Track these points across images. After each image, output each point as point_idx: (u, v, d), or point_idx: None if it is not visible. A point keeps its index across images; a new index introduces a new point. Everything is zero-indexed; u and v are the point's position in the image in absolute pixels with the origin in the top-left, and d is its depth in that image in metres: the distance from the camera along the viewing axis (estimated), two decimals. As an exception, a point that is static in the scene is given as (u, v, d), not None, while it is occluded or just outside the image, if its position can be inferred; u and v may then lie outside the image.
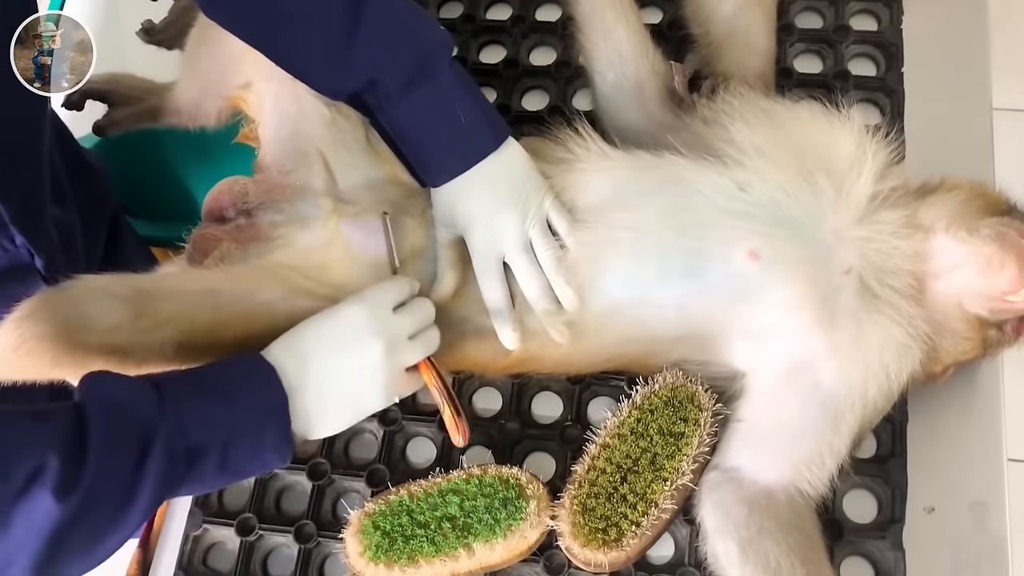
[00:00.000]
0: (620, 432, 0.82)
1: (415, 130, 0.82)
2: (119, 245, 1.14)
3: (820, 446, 0.78)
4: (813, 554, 0.77)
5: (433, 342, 0.80)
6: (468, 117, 0.80)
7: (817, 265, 0.78)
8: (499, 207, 0.81)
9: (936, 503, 0.84)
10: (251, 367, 0.73)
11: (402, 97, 0.79)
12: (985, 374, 0.88)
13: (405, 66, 0.79)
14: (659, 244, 0.81)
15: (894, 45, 1.03)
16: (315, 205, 0.87)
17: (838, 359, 0.78)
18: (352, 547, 0.82)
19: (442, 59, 0.80)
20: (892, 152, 0.83)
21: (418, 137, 0.82)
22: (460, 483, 0.84)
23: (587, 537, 0.79)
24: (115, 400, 0.68)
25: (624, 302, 0.82)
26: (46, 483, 0.61)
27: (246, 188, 0.89)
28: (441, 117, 0.80)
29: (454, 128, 0.80)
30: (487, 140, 0.81)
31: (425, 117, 0.80)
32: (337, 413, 0.76)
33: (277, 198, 0.88)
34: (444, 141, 0.81)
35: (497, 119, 0.83)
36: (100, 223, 1.10)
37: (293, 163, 0.89)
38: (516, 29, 1.11)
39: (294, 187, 0.88)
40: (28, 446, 0.62)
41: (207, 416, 0.69)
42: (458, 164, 0.81)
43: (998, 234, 0.76)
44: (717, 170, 0.82)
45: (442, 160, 0.82)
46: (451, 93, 0.80)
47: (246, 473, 0.74)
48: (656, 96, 0.93)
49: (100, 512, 0.64)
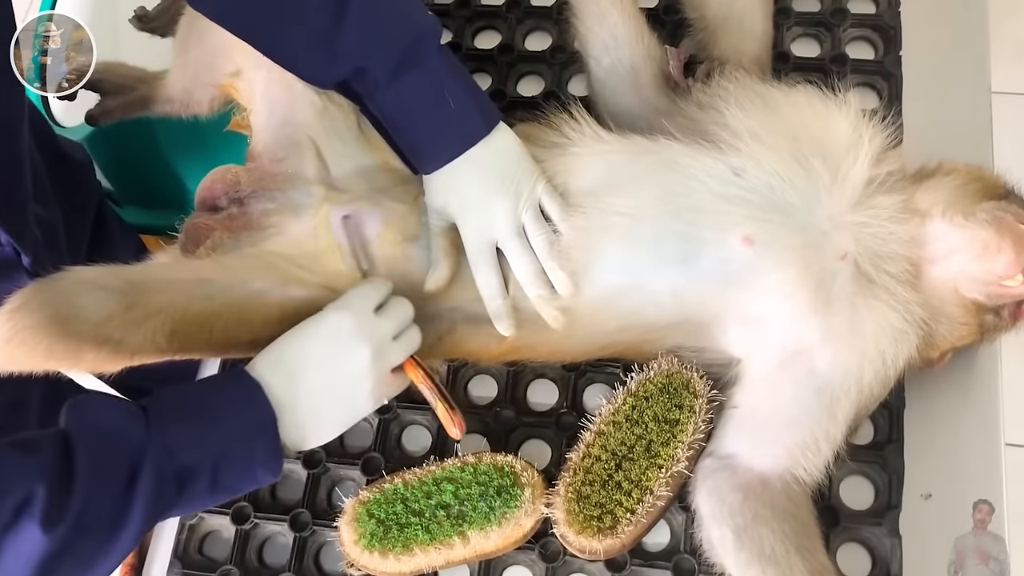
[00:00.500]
0: (615, 419, 0.82)
1: (404, 117, 0.80)
2: (105, 237, 1.13)
3: (816, 432, 0.78)
4: (808, 541, 0.77)
5: (415, 340, 0.80)
6: (458, 103, 0.79)
7: (812, 250, 0.77)
8: (490, 193, 0.80)
9: (933, 489, 0.84)
10: (236, 385, 0.73)
11: (390, 84, 0.78)
12: (983, 360, 0.88)
13: (392, 52, 0.78)
14: (654, 229, 0.80)
15: (892, 28, 1.02)
16: (307, 193, 0.87)
17: (834, 345, 0.77)
18: (347, 535, 0.82)
19: (430, 44, 0.79)
20: (889, 136, 0.82)
21: (407, 124, 0.81)
22: (455, 471, 0.83)
23: (582, 524, 0.79)
24: (100, 427, 0.68)
25: (619, 288, 0.81)
26: (33, 514, 0.61)
27: (238, 177, 0.89)
28: (430, 103, 0.79)
29: (443, 114, 0.79)
30: (477, 126, 0.80)
31: (414, 103, 0.79)
32: (329, 423, 0.76)
33: (269, 186, 0.88)
34: (433, 127, 0.80)
35: (487, 104, 0.82)
36: (84, 217, 1.10)
37: (285, 151, 0.89)
38: (511, 14, 1.10)
39: (286, 175, 0.88)
40: (14, 478, 0.62)
41: (195, 438, 0.69)
42: (448, 150, 0.80)
43: (995, 218, 0.76)
44: (712, 155, 0.81)
45: (432, 146, 0.81)
46: (440, 79, 0.79)
47: (238, 490, 0.74)
48: (651, 81, 0.92)
49: (89, 540, 0.65)
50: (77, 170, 1.12)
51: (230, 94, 0.95)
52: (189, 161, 1.26)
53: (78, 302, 0.75)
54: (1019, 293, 0.78)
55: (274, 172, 0.88)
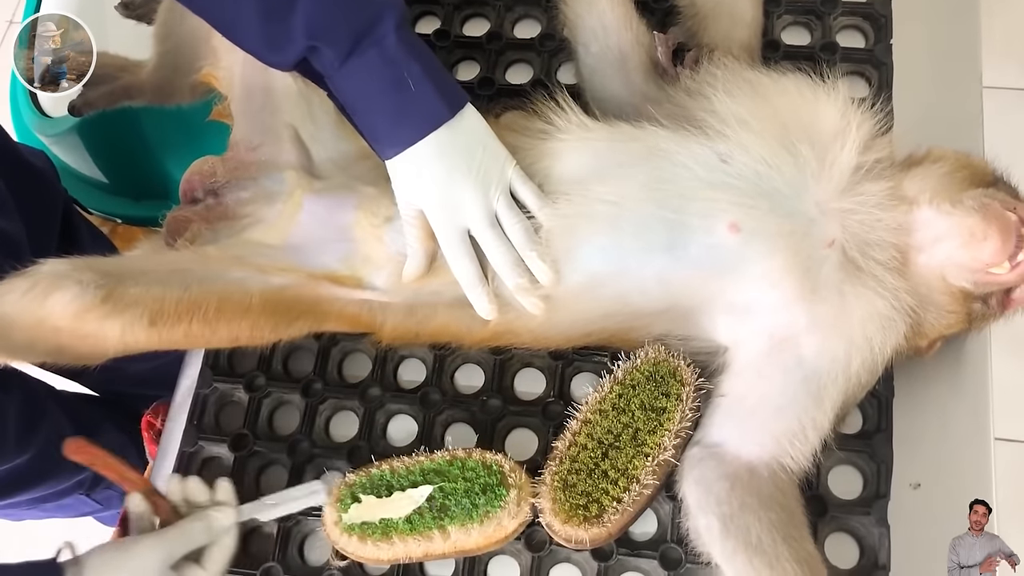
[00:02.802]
0: (602, 408, 0.82)
1: (362, 99, 0.78)
2: (74, 244, 1.12)
3: (803, 420, 0.78)
4: (795, 530, 0.76)
5: None
6: (418, 85, 0.76)
7: (799, 237, 0.77)
8: (457, 180, 0.78)
9: (922, 479, 0.83)
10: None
11: (345, 64, 0.76)
12: (973, 350, 0.88)
13: (347, 30, 0.75)
14: (639, 217, 0.80)
15: (883, 17, 1.02)
16: (279, 180, 0.86)
17: (821, 332, 0.77)
18: (329, 516, 0.82)
19: (388, 22, 0.76)
20: (878, 123, 0.82)
21: (366, 107, 0.78)
22: (443, 464, 0.83)
23: (568, 513, 0.78)
24: None
25: (604, 275, 0.81)
26: None
27: (214, 168, 0.88)
28: (388, 85, 0.76)
29: (403, 96, 0.76)
30: (439, 109, 0.77)
31: (371, 85, 0.76)
32: None
33: (243, 175, 0.87)
34: (392, 110, 0.77)
35: (451, 86, 0.79)
36: (49, 226, 1.09)
37: (261, 138, 0.88)
38: (500, 2, 1.09)
39: (259, 163, 0.87)
40: None
41: None
42: (408, 134, 0.77)
43: (982, 205, 0.75)
44: (699, 141, 0.80)
45: (391, 130, 0.78)
46: (398, 59, 0.76)
47: None
48: (639, 67, 0.92)
49: None
50: (38, 178, 1.11)
51: (210, 83, 0.94)
52: (175, 150, 1.25)
53: (53, 296, 0.75)
54: (1006, 281, 0.77)
55: (248, 160, 0.88)
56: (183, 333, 0.78)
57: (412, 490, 0.81)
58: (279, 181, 0.86)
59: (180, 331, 0.78)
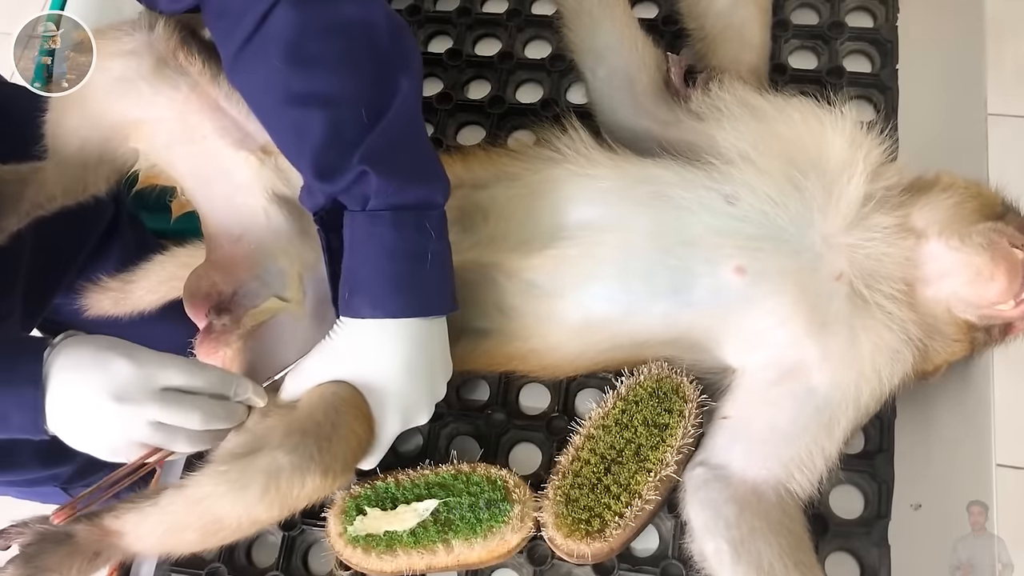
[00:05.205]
0: (605, 423, 0.82)
1: (372, 247, 0.73)
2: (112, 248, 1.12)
3: (812, 449, 0.78)
4: (805, 556, 0.76)
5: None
6: (434, 265, 0.74)
7: (807, 273, 0.78)
8: (418, 372, 0.77)
9: (923, 500, 0.83)
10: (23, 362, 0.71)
11: (388, 209, 0.73)
12: (976, 374, 0.88)
13: (409, 177, 0.73)
14: (644, 263, 0.81)
15: (889, 42, 1.03)
16: (278, 272, 0.85)
17: (831, 364, 0.77)
18: (333, 527, 0.82)
19: (439, 195, 0.75)
20: (886, 150, 0.82)
21: (370, 255, 0.73)
22: (447, 477, 0.83)
23: (570, 528, 0.79)
24: None
25: (608, 317, 0.82)
26: None
27: (212, 281, 0.85)
28: (409, 249, 0.73)
29: (415, 268, 0.73)
30: (445, 299, 0.76)
31: (391, 239, 0.73)
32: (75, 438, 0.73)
33: (243, 276, 0.85)
34: (397, 274, 0.74)
35: (454, 286, 0.77)
36: (88, 229, 1.08)
37: (239, 226, 0.85)
38: (512, 22, 1.11)
39: (251, 257, 0.85)
40: None
41: None
42: (400, 306, 0.74)
43: (990, 243, 0.76)
44: (705, 184, 0.81)
45: (386, 293, 0.74)
46: (432, 233, 0.74)
47: None
48: (648, 90, 0.92)
49: None
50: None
51: (151, 181, 0.89)
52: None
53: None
54: (1010, 317, 0.78)
55: (238, 255, 0.85)
56: None
57: (417, 503, 0.82)
58: (277, 273, 0.85)
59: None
